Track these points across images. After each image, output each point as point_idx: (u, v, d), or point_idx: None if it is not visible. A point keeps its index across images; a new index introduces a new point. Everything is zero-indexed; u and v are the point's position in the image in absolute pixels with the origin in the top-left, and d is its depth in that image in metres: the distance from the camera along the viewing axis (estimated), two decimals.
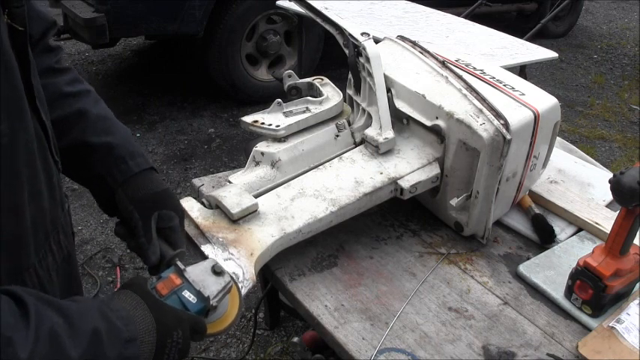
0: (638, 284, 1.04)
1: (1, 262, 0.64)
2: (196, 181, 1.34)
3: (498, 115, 1.05)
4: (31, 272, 0.70)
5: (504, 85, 1.17)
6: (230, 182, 1.10)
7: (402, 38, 1.31)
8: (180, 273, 0.75)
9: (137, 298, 0.68)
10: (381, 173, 1.13)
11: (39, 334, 0.54)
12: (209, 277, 0.76)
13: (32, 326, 0.54)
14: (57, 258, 0.77)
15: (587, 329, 1.00)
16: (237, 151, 3.27)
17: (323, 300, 1.04)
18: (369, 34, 1.14)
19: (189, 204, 1.02)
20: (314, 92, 1.26)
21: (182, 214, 0.88)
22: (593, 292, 0.99)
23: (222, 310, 0.78)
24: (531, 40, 2.34)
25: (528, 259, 1.17)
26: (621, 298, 1.03)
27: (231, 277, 0.79)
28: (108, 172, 0.85)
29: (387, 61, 1.21)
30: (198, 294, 0.73)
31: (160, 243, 0.85)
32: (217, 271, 0.77)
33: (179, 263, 0.76)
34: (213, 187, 1.31)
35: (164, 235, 0.85)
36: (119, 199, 0.85)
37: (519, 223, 1.26)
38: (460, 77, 1.15)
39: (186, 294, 0.73)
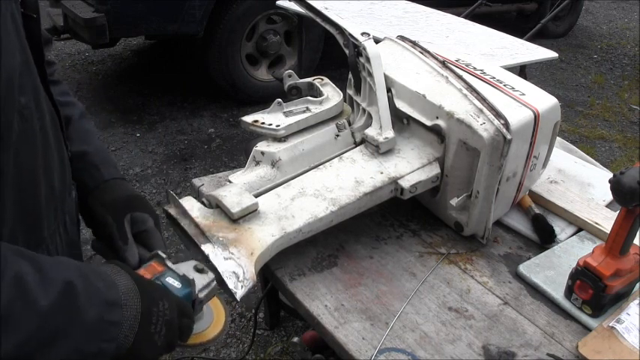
0: (638, 284, 1.04)
1: (22, 233, 0.65)
2: (196, 181, 1.34)
3: (499, 114, 1.05)
4: (43, 248, 0.71)
5: (504, 85, 1.17)
6: (230, 182, 1.10)
7: (402, 38, 1.31)
8: (163, 261, 0.73)
9: (118, 268, 0.66)
10: (382, 173, 1.13)
11: (2, 278, 0.51)
12: (192, 274, 0.74)
13: None
14: (63, 241, 0.78)
15: (587, 329, 1.00)
16: (237, 151, 3.27)
17: (323, 300, 1.04)
18: (369, 34, 1.14)
19: (190, 203, 1.02)
20: (314, 92, 1.26)
21: (156, 216, 0.87)
22: (593, 292, 0.99)
23: (208, 320, 0.76)
24: (531, 40, 2.34)
25: (528, 259, 1.17)
26: (621, 298, 1.03)
27: (215, 284, 0.76)
28: (79, 180, 0.85)
29: (387, 61, 1.21)
30: (182, 278, 0.70)
31: (138, 247, 0.82)
32: (200, 268, 0.75)
33: (161, 253, 0.74)
34: (213, 186, 1.31)
35: (141, 239, 0.84)
36: (91, 206, 0.84)
37: (519, 223, 1.26)
38: (460, 77, 1.15)
39: (170, 280, 0.70)
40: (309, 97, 1.22)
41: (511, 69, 1.75)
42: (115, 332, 0.59)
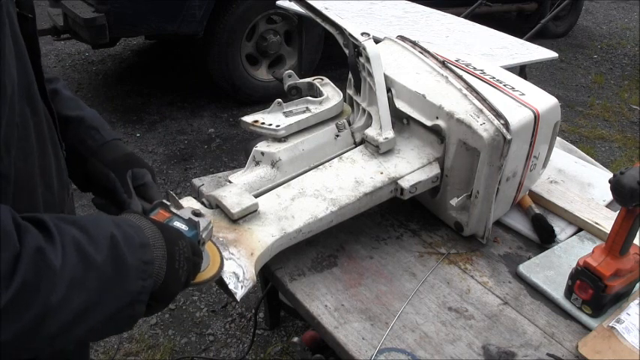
0: (638, 284, 1.04)
1: None
2: (196, 181, 1.34)
3: (498, 115, 1.05)
4: None
5: (504, 85, 1.17)
6: (230, 182, 1.10)
7: (402, 38, 1.31)
8: (167, 208, 0.79)
9: (138, 216, 0.72)
10: (382, 173, 1.13)
11: (64, 244, 0.57)
12: (192, 217, 0.81)
13: (56, 239, 0.56)
14: None
15: (587, 329, 1.00)
16: (237, 151, 3.27)
17: (323, 300, 1.04)
18: (369, 34, 1.13)
19: (190, 204, 1.02)
20: (314, 92, 1.26)
21: (153, 171, 0.94)
22: (593, 292, 0.99)
23: (206, 261, 0.81)
24: (531, 40, 2.35)
25: (528, 259, 1.17)
26: (621, 298, 1.03)
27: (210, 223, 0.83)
28: (81, 141, 0.90)
29: (387, 61, 1.21)
30: (188, 222, 0.78)
31: (139, 199, 0.88)
32: (197, 212, 0.81)
33: (165, 201, 0.81)
34: (213, 186, 1.31)
35: (139, 192, 0.89)
36: (92, 166, 0.89)
37: (519, 223, 1.26)
38: (460, 77, 1.15)
39: (177, 224, 0.77)
40: (309, 97, 1.22)
41: (511, 69, 1.75)
42: (151, 269, 0.65)
